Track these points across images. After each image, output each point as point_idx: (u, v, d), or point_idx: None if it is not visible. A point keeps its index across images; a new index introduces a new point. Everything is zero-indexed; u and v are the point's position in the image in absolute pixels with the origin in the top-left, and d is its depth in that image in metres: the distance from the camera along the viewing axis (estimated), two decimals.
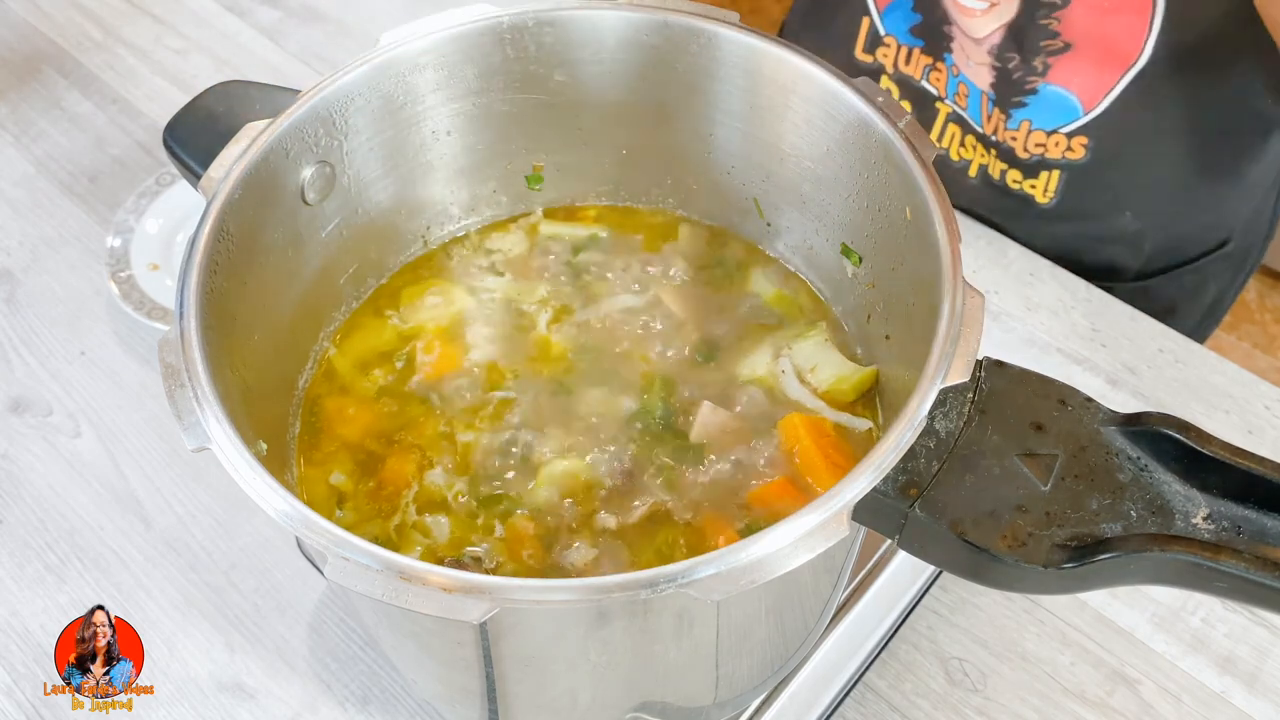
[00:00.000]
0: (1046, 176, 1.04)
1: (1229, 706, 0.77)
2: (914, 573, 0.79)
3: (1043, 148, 1.02)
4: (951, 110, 1.06)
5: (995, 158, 1.06)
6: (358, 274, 0.77)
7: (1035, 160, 1.04)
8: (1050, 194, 1.05)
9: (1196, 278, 1.15)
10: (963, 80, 1.03)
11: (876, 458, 0.51)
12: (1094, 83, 0.97)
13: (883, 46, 1.08)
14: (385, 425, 0.71)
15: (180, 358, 0.55)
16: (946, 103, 1.06)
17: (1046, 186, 1.05)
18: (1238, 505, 0.52)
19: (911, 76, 1.07)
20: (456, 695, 0.68)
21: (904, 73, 1.08)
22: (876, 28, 1.07)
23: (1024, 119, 1.01)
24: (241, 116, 0.67)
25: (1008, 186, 1.07)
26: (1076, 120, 0.99)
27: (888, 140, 0.64)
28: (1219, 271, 1.16)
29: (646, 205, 0.83)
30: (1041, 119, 1.01)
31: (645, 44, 0.72)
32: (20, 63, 1.23)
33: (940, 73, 1.05)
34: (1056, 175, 1.04)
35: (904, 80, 1.08)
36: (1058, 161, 1.03)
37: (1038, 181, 1.05)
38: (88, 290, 1.02)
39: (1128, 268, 1.12)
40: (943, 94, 1.06)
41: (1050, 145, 1.02)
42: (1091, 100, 0.98)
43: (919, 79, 1.07)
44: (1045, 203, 1.06)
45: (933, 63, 1.05)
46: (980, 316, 0.56)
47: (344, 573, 0.49)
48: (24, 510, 0.87)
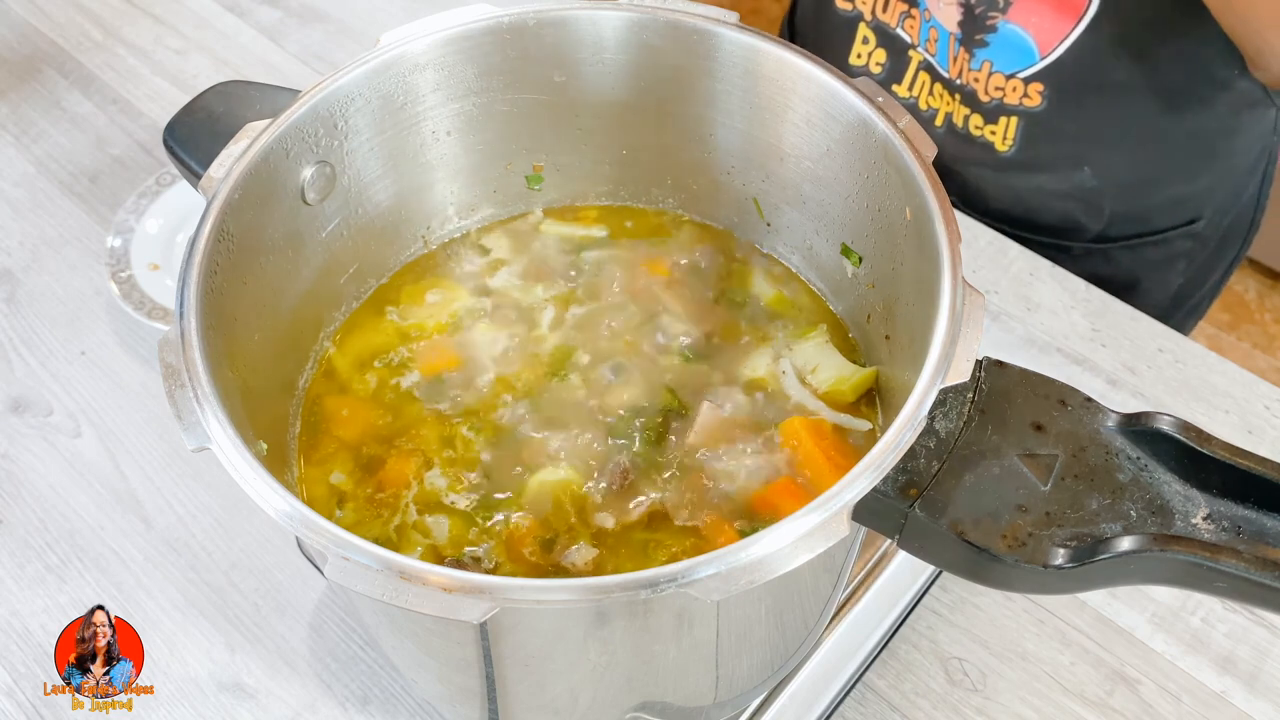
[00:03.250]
0: (1005, 122, 1.08)
1: (1229, 706, 0.77)
2: (914, 573, 0.79)
3: (1001, 91, 1.06)
4: (923, 58, 1.10)
5: (959, 103, 1.10)
6: (358, 274, 0.77)
7: (994, 105, 1.07)
8: (1009, 141, 1.09)
9: (1160, 252, 1.17)
10: (934, 25, 1.07)
11: (876, 458, 0.51)
12: (1050, 26, 1.01)
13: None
14: (385, 425, 0.71)
15: (180, 358, 0.55)
16: (919, 50, 1.10)
17: (1006, 133, 1.09)
18: (1238, 505, 0.52)
19: (887, 24, 1.11)
20: (456, 695, 0.68)
21: (880, 20, 1.11)
22: None
23: (985, 59, 1.05)
24: (241, 116, 0.67)
25: (970, 134, 1.10)
26: (1033, 65, 1.03)
27: (888, 140, 0.64)
28: (1188, 251, 1.17)
29: (646, 205, 0.83)
30: (1001, 60, 1.04)
31: (645, 44, 0.72)
32: (20, 63, 1.23)
33: (914, 19, 1.09)
34: (1015, 122, 1.07)
35: (880, 28, 1.12)
36: (1016, 108, 1.06)
37: (997, 128, 1.09)
38: (88, 290, 1.02)
39: (1086, 227, 1.14)
40: (915, 41, 1.10)
41: (1009, 90, 1.05)
42: (1047, 45, 1.02)
43: (894, 26, 1.10)
44: (1004, 150, 1.09)
45: (907, 9, 1.09)
46: (980, 316, 0.56)
47: (344, 573, 0.49)
48: (24, 510, 0.88)
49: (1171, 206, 1.14)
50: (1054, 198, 1.12)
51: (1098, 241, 1.15)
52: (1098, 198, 1.11)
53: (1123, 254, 1.15)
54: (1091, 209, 1.12)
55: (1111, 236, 1.15)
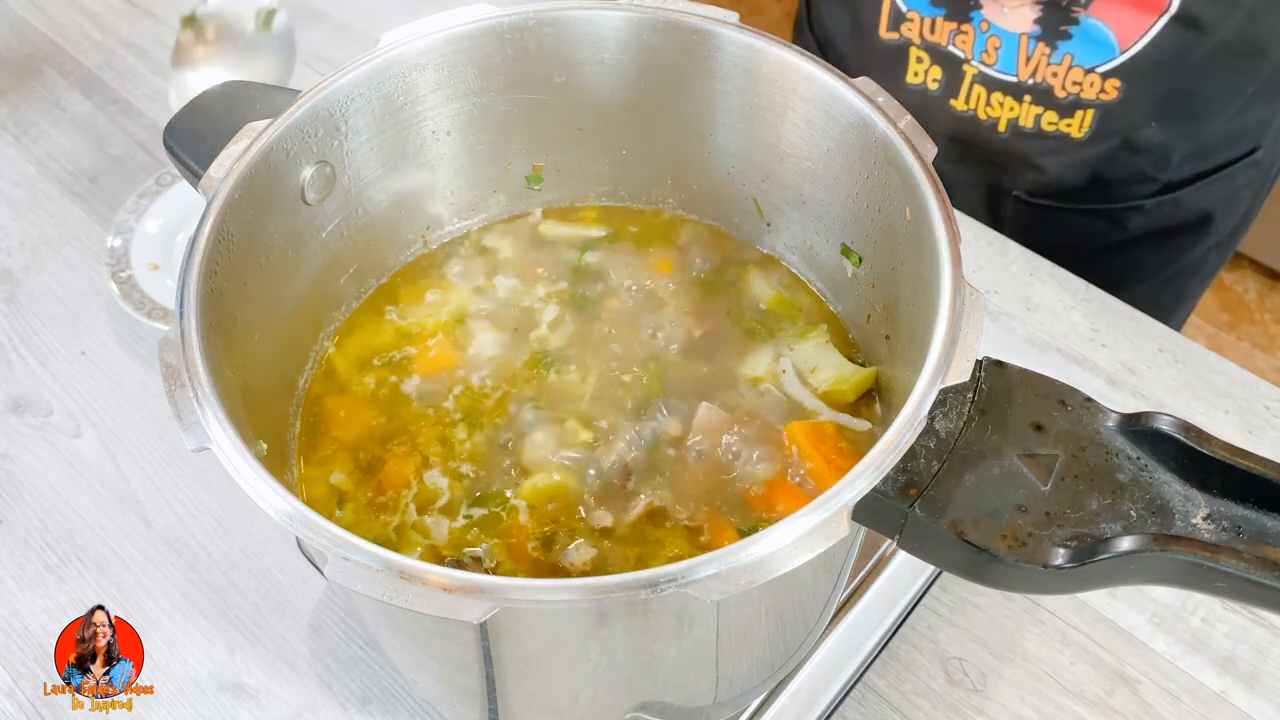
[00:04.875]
0: (1081, 115, 1.09)
1: (1229, 706, 0.77)
2: (914, 573, 0.79)
3: (1079, 86, 1.07)
4: (978, 71, 1.10)
5: (1030, 103, 1.10)
6: (358, 274, 0.77)
7: (1071, 100, 1.08)
8: (1085, 129, 1.10)
9: (1227, 186, 1.18)
10: (994, 34, 1.07)
11: (876, 458, 0.51)
12: (1131, 21, 1.02)
13: (906, 22, 1.11)
14: (385, 425, 0.71)
15: (180, 358, 0.55)
16: (973, 64, 1.10)
17: (1081, 124, 1.10)
18: (1238, 505, 0.52)
19: (938, 43, 1.11)
20: (456, 695, 0.68)
21: (930, 40, 1.11)
22: (898, 5, 1.10)
23: (1067, 52, 1.05)
24: (241, 116, 0.67)
25: (1042, 130, 1.12)
26: (1113, 59, 1.04)
27: (888, 140, 0.64)
28: (1249, 180, 1.19)
29: (646, 205, 0.83)
30: (1082, 54, 1.05)
31: (645, 44, 0.72)
32: (20, 63, 1.23)
33: (966, 35, 1.09)
34: (1090, 114, 1.09)
35: (932, 47, 1.12)
36: (1092, 101, 1.07)
37: (1073, 120, 1.10)
38: (88, 290, 1.02)
39: (1155, 178, 1.15)
40: (969, 55, 1.10)
41: (1086, 85, 1.06)
42: (1127, 39, 1.03)
43: (945, 45, 1.11)
44: (1080, 137, 1.11)
45: (957, 26, 1.09)
46: (980, 316, 0.56)
47: (344, 573, 0.49)
48: (24, 510, 0.88)
49: (1231, 140, 1.16)
50: (1123, 152, 1.13)
51: (1165, 191, 1.16)
52: (1167, 150, 1.13)
53: (1191, 196, 1.17)
54: (1160, 160, 1.14)
55: (1177, 182, 1.16)
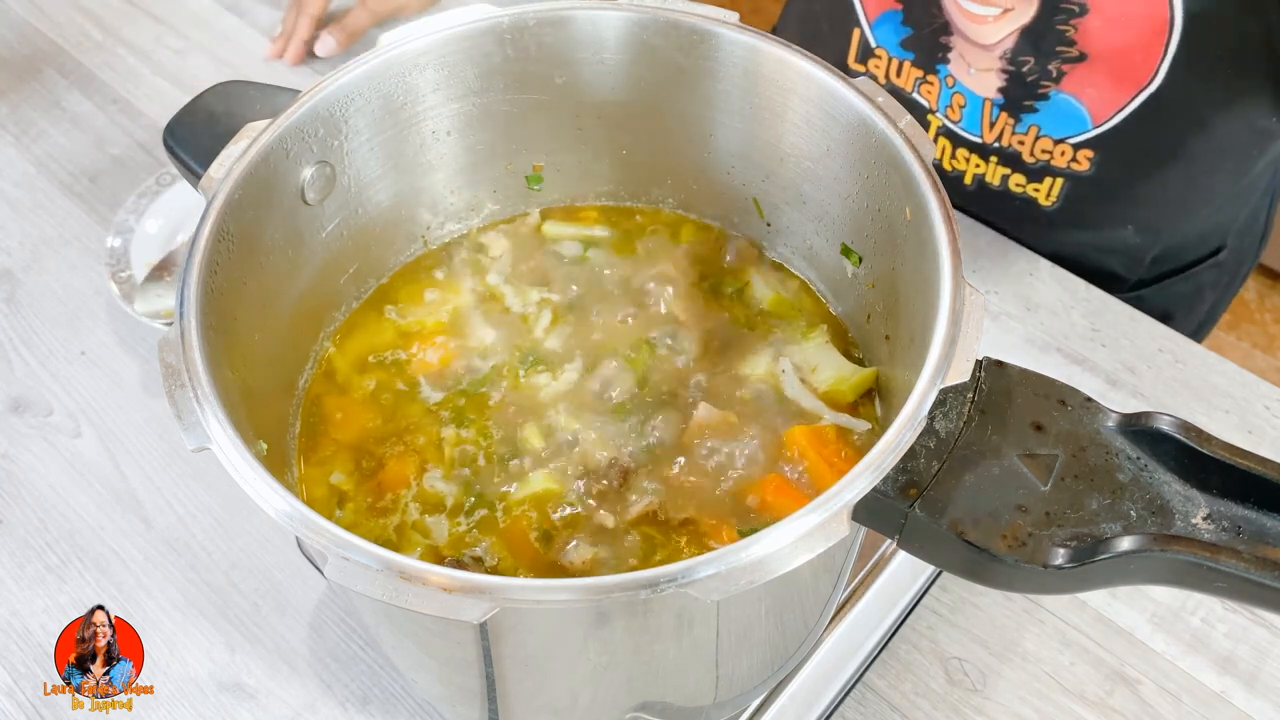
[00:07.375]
0: (1050, 182, 1.04)
1: (1229, 706, 0.77)
2: (914, 573, 0.79)
3: (1049, 155, 1.02)
4: (941, 124, 1.07)
5: (996, 164, 1.06)
6: (358, 274, 0.77)
7: (1040, 166, 1.04)
8: (1053, 198, 1.05)
9: (1189, 285, 1.16)
10: (959, 91, 1.03)
11: (876, 458, 0.51)
12: (1106, 97, 0.97)
13: (874, 58, 1.08)
14: (385, 425, 0.71)
15: (180, 358, 0.55)
16: (937, 115, 1.07)
17: (1050, 190, 1.05)
18: (1238, 505, 0.52)
19: (903, 89, 1.07)
20: (456, 695, 0.68)
21: (895, 84, 1.08)
22: (867, 39, 1.07)
23: (1033, 124, 1.01)
24: (241, 116, 0.67)
25: (1009, 190, 1.07)
26: (1085, 133, 0.99)
27: (888, 140, 0.64)
28: (1213, 280, 1.17)
29: (646, 205, 0.83)
30: (1050, 126, 1.01)
31: (645, 44, 0.72)
32: (20, 63, 1.23)
33: (932, 85, 1.05)
34: (1060, 182, 1.04)
35: (895, 91, 1.08)
36: (1063, 170, 1.03)
37: (1041, 185, 1.05)
38: (88, 290, 1.02)
39: (1125, 279, 1.13)
40: (934, 107, 1.06)
41: (1056, 154, 1.02)
42: (1101, 115, 0.98)
43: (910, 91, 1.07)
44: (1048, 205, 1.06)
45: (923, 75, 1.05)
46: (980, 316, 0.56)
47: (344, 573, 0.49)
48: (24, 510, 0.88)
49: (1199, 240, 1.13)
50: (1096, 251, 1.10)
51: (1135, 288, 1.14)
52: (1140, 252, 1.10)
53: (1154, 295, 1.14)
54: (1132, 262, 1.11)
55: (1145, 281, 1.14)
